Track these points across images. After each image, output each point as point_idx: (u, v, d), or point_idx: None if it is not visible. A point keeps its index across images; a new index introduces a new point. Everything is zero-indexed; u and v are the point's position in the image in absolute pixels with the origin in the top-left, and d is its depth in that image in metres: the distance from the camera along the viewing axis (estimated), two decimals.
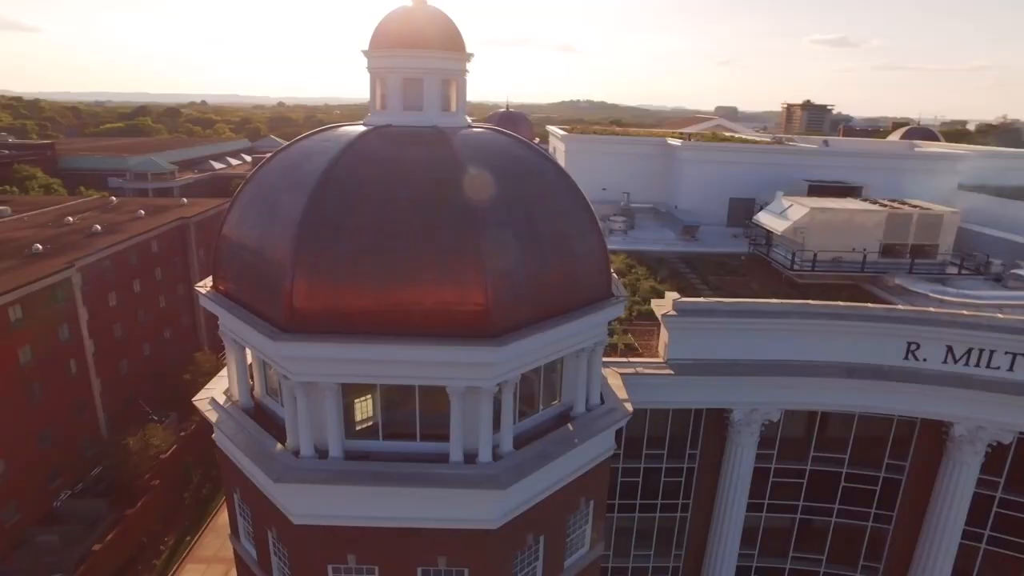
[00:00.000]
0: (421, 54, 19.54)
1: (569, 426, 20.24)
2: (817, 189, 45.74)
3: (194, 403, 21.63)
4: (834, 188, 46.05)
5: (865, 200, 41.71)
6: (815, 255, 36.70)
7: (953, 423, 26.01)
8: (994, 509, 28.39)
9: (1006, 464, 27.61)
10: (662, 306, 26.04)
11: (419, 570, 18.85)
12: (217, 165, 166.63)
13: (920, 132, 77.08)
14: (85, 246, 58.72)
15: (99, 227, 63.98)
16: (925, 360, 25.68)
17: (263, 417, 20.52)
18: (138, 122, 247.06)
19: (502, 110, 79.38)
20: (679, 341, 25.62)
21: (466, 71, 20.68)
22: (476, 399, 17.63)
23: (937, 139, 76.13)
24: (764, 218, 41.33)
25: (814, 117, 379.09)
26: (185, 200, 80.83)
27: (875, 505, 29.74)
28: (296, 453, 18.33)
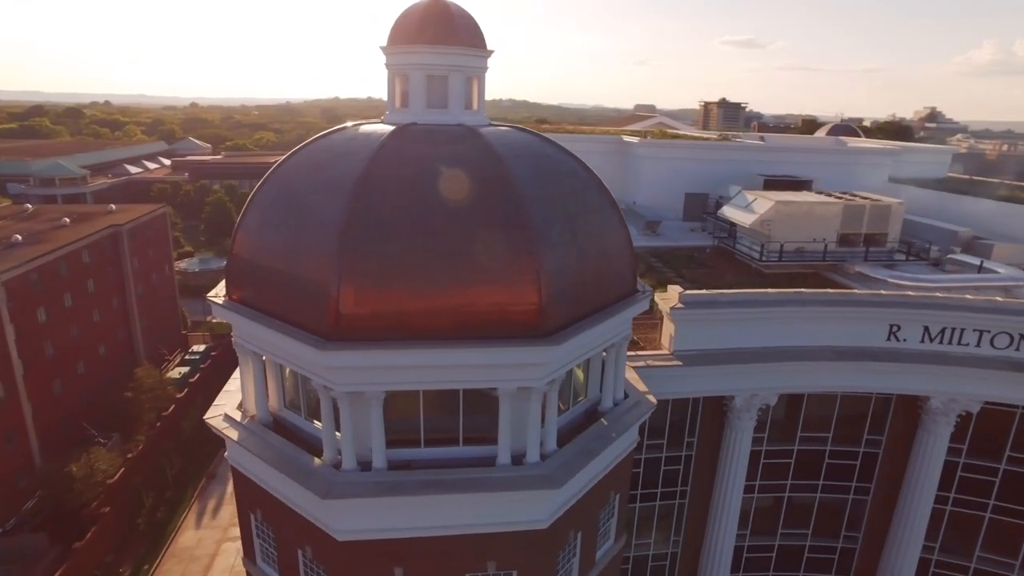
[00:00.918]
0: (447, 51, 19.13)
1: (603, 421, 20.42)
2: (772, 183, 48.03)
3: (206, 421, 20.28)
4: (787, 182, 48.54)
5: (819, 193, 44.20)
6: (781, 246, 38.57)
7: (930, 397, 28.07)
8: (958, 473, 30.83)
9: (969, 432, 30.03)
10: (667, 299, 26.68)
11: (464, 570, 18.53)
12: (133, 169, 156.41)
13: (843, 129, 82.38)
14: (5, 258, 53.71)
15: (19, 237, 58.72)
16: (905, 340, 27.60)
17: (283, 432, 19.54)
18: (34, 123, 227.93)
19: None
20: (685, 333, 26.35)
21: (487, 68, 20.43)
22: (525, 399, 17.48)
23: (858, 135, 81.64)
24: (729, 212, 43.02)
25: (729, 114, 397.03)
26: (113, 207, 75.39)
27: (855, 479, 31.67)
28: (336, 467, 17.58)
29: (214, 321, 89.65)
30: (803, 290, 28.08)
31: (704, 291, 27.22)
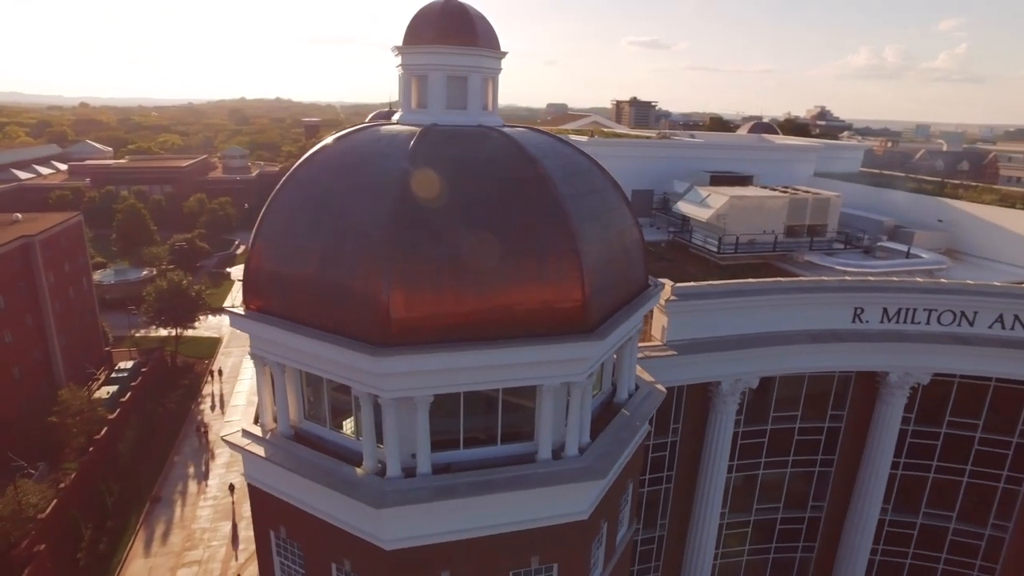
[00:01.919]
0: (467, 51, 19.16)
1: (625, 411, 21.11)
2: (718, 179, 50.59)
3: (224, 440, 19.29)
4: (731, 178, 51.29)
5: (764, 187, 47.08)
6: (737, 238, 40.85)
7: (888, 372, 30.74)
8: (908, 440, 33.90)
9: (916, 402, 33.06)
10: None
11: (511, 574, 18.69)
12: (22, 174, 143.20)
13: (763, 127, 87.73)
14: None
15: None
16: (867, 321, 30.09)
17: (306, 444, 18.95)
18: None
19: (386, 109, 77.23)
20: (677, 323, 27.55)
21: (501, 69, 20.59)
22: (562, 394, 17.86)
23: (777, 132, 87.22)
24: (684, 207, 45.04)
25: (640, 112, 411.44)
26: (19, 216, 68.86)
27: (820, 452, 34.15)
28: (380, 475, 17.28)
29: (138, 335, 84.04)
30: (781, 279, 30.05)
31: (693, 283, 28.53)
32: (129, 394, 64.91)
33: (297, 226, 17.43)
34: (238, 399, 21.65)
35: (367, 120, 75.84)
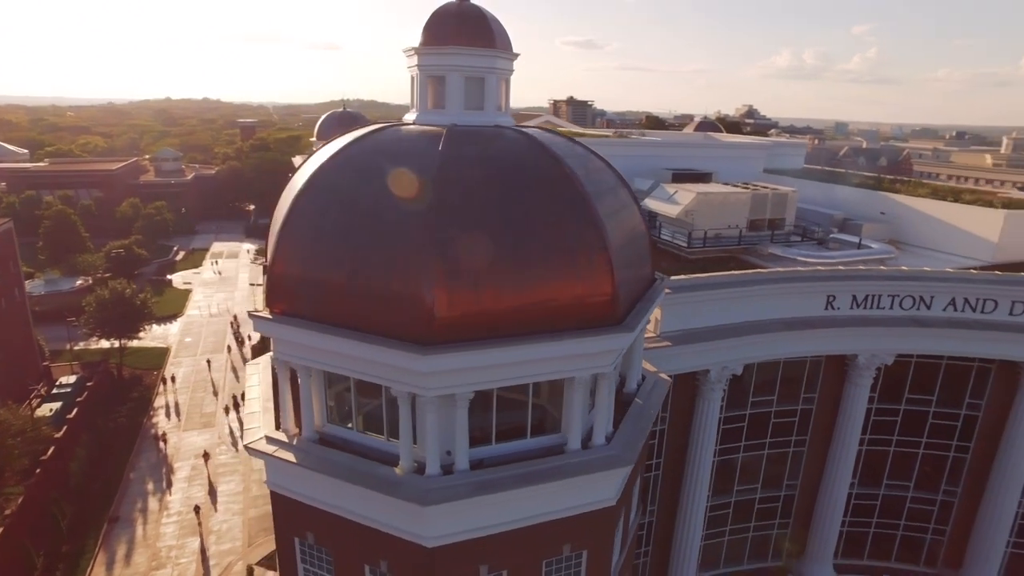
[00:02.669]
0: (485, 53, 19.45)
1: (638, 400, 21.92)
2: (679, 176, 52.48)
3: (248, 448, 18.85)
4: (692, 175, 53.27)
5: (726, 184, 49.18)
6: (705, 233, 42.61)
7: (858, 354, 32.90)
8: (872, 418, 36.35)
9: (878, 382, 35.48)
10: None
11: (543, 564, 19.14)
12: None
13: (708, 125, 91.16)
14: None
15: None
16: (838, 308, 32.11)
17: (332, 448, 18.82)
18: None
19: (339, 111, 75.93)
20: (670, 315, 28.63)
21: (513, 71, 20.97)
22: (587, 385, 18.43)
23: (721, 130, 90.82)
24: (652, 204, 46.50)
25: (578, 112, 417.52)
26: None
27: (794, 433, 36.15)
28: (418, 474, 17.38)
29: (77, 348, 79.43)
30: (760, 270, 31.69)
31: (685, 276, 29.70)
32: (75, 410, 61.29)
33: (327, 229, 17.27)
34: (252, 406, 21.11)
35: (323, 120, 74.35)
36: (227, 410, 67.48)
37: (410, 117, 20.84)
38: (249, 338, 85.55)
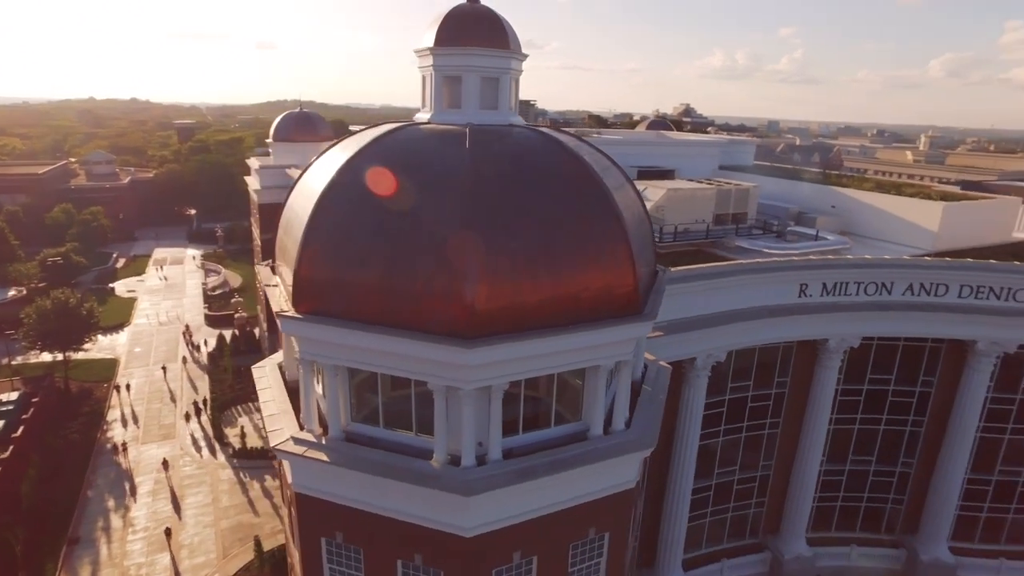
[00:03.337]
0: (500, 54, 19.91)
1: (646, 387, 22.86)
2: (645, 173, 54.10)
3: (276, 450, 18.67)
4: (656, 172, 55.02)
5: (690, 180, 51.06)
6: (675, 228, 44.22)
7: (828, 339, 35.01)
8: (838, 398, 38.67)
9: (844, 364, 37.82)
10: None
11: (570, 547, 19.79)
12: None
13: (659, 123, 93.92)
14: None
15: None
16: (810, 295, 34.08)
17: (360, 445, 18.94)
18: None
19: (296, 111, 74.42)
20: (662, 305, 29.69)
21: (523, 71, 21.50)
22: (606, 373, 19.19)
23: (672, 128, 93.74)
24: None
25: (521, 111, 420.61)
26: None
27: (769, 416, 38.09)
28: (454, 465, 17.72)
29: (15, 363, 74.84)
30: (742, 261, 33.26)
31: (676, 268, 30.86)
32: (21, 428, 58.02)
33: (360, 228, 17.33)
34: (270, 408, 20.83)
35: (279, 121, 72.66)
36: (187, 417, 65.32)
37: (423, 116, 21.07)
38: (205, 343, 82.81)
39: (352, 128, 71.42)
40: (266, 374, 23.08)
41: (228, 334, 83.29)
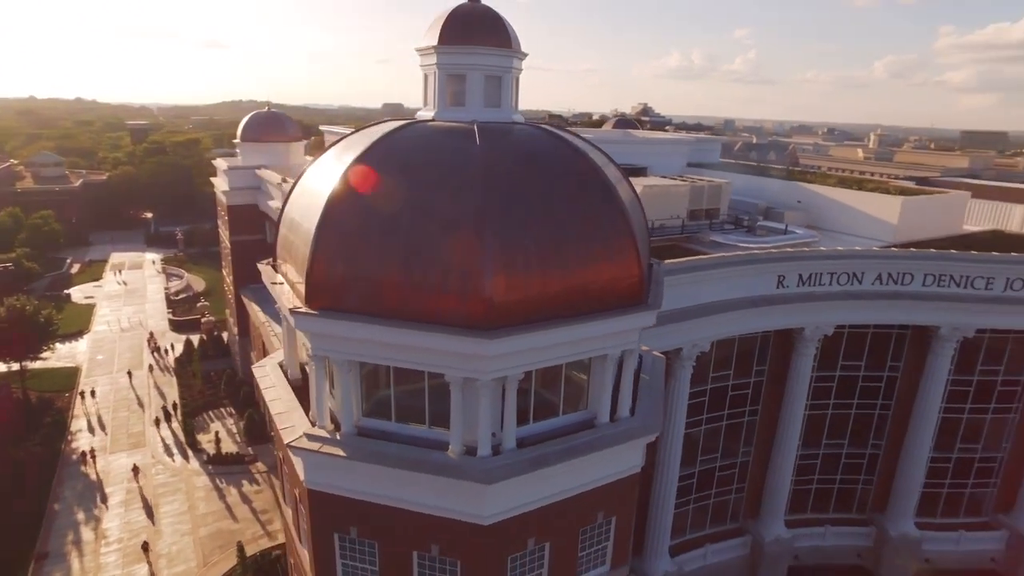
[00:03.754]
0: (503, 52, 20.31)
1: (645, 376, 23.58)
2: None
3: (291, 447, 18.67)
4: (629, 170, 55.83)
5: (664, 177, 52.30)
6: (652, 223, 45.22)
7: (804, 327, 36.48)
8: (812, 384, 40.25)
9: (818, 352, 39.41)
10: None
11: (580, 532, 20.35)
12: None
13: (625, 122, 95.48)
14: None
15: None
16: (787, 286, 35.47)
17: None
18: None
19: (264, 111, 73.22)
20: None
21: (522, 70, 21.93)
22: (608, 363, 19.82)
23: (638, 126, 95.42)
24: None
25: None
26: None
27: (748, 404, 39.43)
28: (470, 455, 18.08)
29: None
30: (725, 254, 34.40)
31: (666, 261, 31.70)
32: None
33: (376, 224, 17.49)
34: (278, 407, 20.78)
35: (247, 121, 71.27)
36: (157, 422, 63.77)
37: (426, 114, 21.30)
38: (172, 348, 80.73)
39: (323, 128, 70.81)
40: (268, 373, 22.98)
41: (195, 339, 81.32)
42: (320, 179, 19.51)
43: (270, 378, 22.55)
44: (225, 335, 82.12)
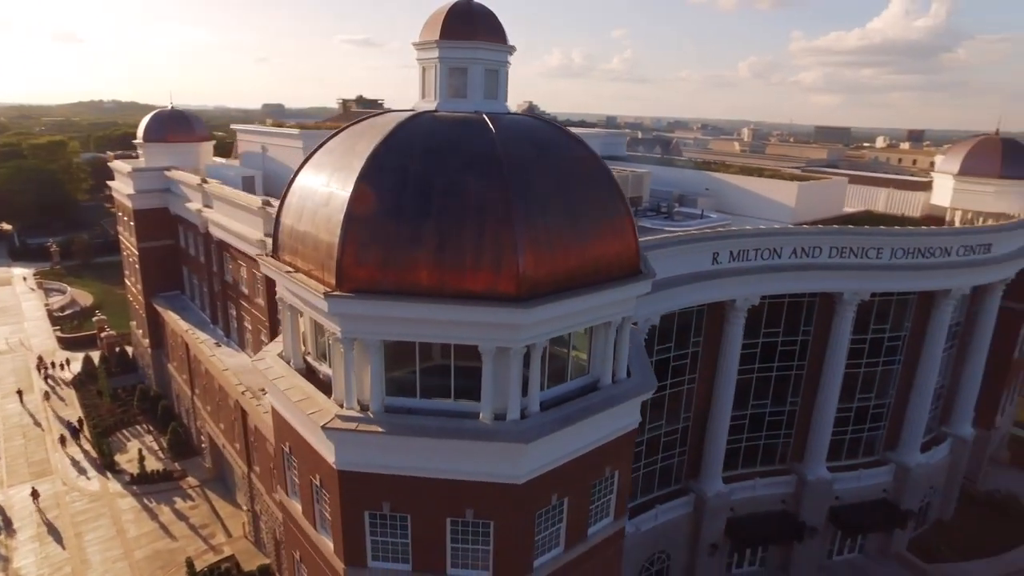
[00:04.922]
0: (500, 47, 21.68)
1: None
2: None
3: (325, 429, 19.01)
4: None
5: None
6: None
7: (735, 299, 40.52)
8: (740, 351, 44.64)
9: (745, 321, 43.78)
10: None
11: (592, 485, 22.22)
12: None
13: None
14: None
15: None
16: (721, 262, 39.27)
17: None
18: None
19: (167, 109, 68.95)
20: None
21: (510, 64, 23.38)
22: (611, 329, 21.89)
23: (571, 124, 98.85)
24: None
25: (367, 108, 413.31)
26: None
27: (687, 373, 43.11)
28: (502, 419, 19.39)
29: None
30: (677, 232, 37.54)
31: None
32: None
33: (406, 208, 18.31)
34: (294, 395, 20.85)
35: (148, 121, 66.82)
36: (63, 440, 58.92)
37: (427, 105, 22.19)
38: (67, 365, 74.08)
39: (236, 128, 67.69)
40: (271, 364, 22.90)
41: (96, 355, 75.14)
42: (334, 169, 19.96)
43: (275, 369, 22.52)
44: (130, 349, 76.47)
